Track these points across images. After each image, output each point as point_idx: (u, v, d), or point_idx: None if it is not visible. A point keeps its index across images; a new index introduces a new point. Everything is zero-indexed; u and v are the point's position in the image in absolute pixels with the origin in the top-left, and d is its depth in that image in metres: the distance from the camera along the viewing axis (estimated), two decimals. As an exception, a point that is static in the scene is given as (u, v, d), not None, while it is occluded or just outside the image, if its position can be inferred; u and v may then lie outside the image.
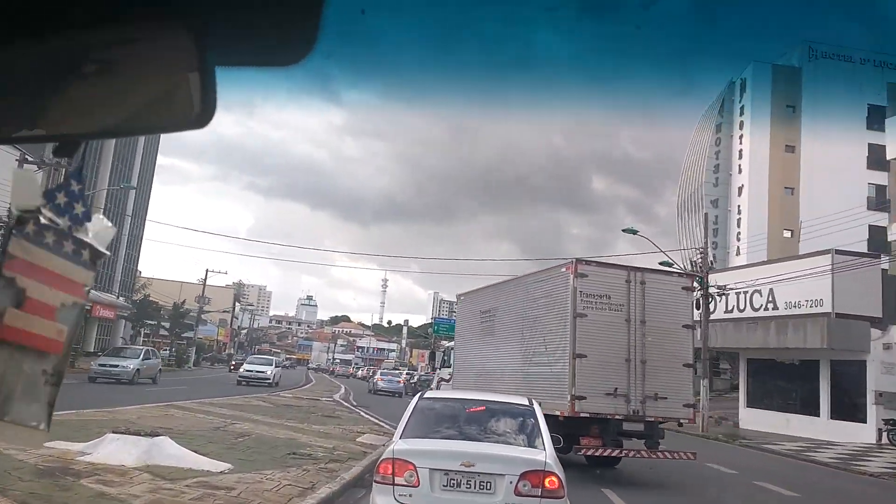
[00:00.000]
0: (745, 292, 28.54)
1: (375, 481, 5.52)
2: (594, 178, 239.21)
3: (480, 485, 5.37)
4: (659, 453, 11.58)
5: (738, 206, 51.43)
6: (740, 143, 52.38)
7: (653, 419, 11.62)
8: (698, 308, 28.05)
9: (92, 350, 50.36)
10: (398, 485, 5.34)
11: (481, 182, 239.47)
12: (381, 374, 43.61)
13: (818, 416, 26.54)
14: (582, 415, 11.30)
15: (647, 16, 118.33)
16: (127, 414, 11.61)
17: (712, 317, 28.33)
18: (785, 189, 50.04)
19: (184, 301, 55.84)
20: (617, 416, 11.45)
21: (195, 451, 8.75)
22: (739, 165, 52.46)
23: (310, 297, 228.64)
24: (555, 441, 6.15)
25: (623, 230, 26.86)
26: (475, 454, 5.49)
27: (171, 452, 8.08)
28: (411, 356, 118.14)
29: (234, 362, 54.58)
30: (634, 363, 11.70)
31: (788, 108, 50.56)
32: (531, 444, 5.98)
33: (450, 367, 18.88)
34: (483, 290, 16.60)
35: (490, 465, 5.44)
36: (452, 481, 5.36)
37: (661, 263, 29.81)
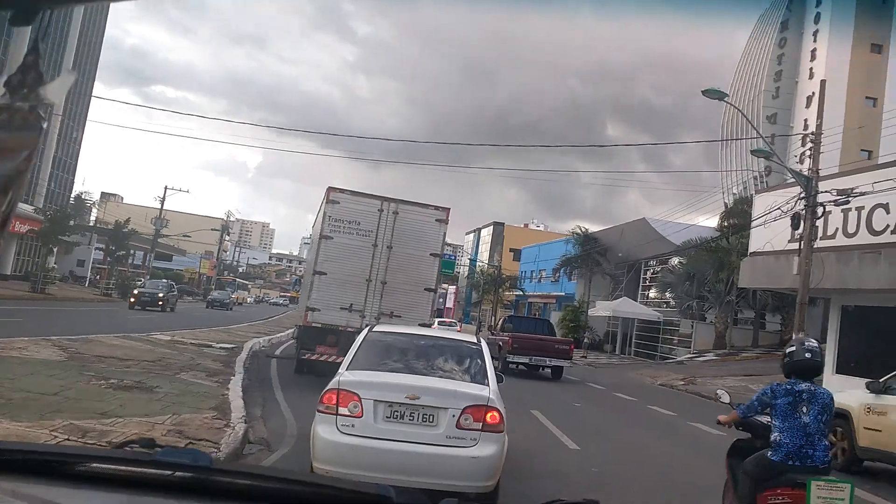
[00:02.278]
0: (861, 207, 19.13)
1: (319, 411, 5.43)
2: (609, 125, 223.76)
3: (423, 417, 5.35)
4: None
5: (805, 120, 41.20)
6: (814, 40, 41.63)
7: None
8: (795, 227, 18.89)
9: (9, 273, 41.79)
10: (341, 415, 5.29)
11: (494, 126, 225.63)
12: None
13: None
14: (314, 325, 12.89)
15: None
16: None
17: (793, 246, 19.24)
18: (866, 99, 39.80)
19: (127, 219, 46.63)
20: (349, 329, 12.18)
21: None
22: (811, 69, 41.79)
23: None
24: (498, 379, 6.12)
25: (704, 92, 17.57)
26: (419, 387, 5.48)
27: None
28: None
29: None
30: (375, 283, 12.92)
31: (878, -3, 39.78)
32: (475, 381, 5.91)
33: None
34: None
35: (434, 399, 5.42)
36: (396, 413, 5.35)
37: (753, 153, 21.10)
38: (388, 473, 4.88)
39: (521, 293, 55.92)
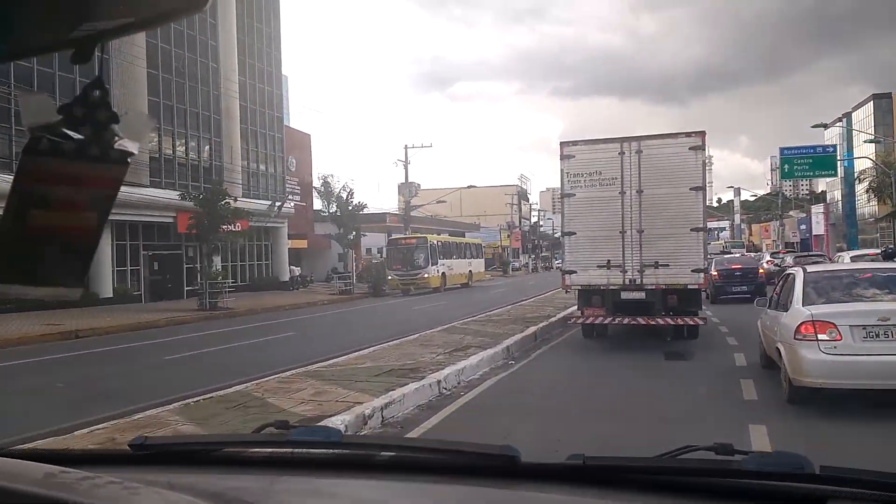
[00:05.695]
0: None
1: (796, 339, 6.71)
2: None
3: None
4: (658, 319, 11.58)
5: None
6: None
7: (653, 287, 11.68)
8: None
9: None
10: (821, 340, 6.52)
11: (815, 19, 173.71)
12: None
13: None
14: (574, 287, 12.35)
15: None
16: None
17: None
18: None
19: (351, 192, 34.92)
20: (611, 287, 11.85)
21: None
22: None
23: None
24: None
25: None
26: (888, 311, 6.58)
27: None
28: (751, 234, 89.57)
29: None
30: (631, 234, 11.85)
31: None
32: None
33: None
34: None
35: None
36: (871, 333, 6.47)
37: None
38: (877, 380, 6.42)
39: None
